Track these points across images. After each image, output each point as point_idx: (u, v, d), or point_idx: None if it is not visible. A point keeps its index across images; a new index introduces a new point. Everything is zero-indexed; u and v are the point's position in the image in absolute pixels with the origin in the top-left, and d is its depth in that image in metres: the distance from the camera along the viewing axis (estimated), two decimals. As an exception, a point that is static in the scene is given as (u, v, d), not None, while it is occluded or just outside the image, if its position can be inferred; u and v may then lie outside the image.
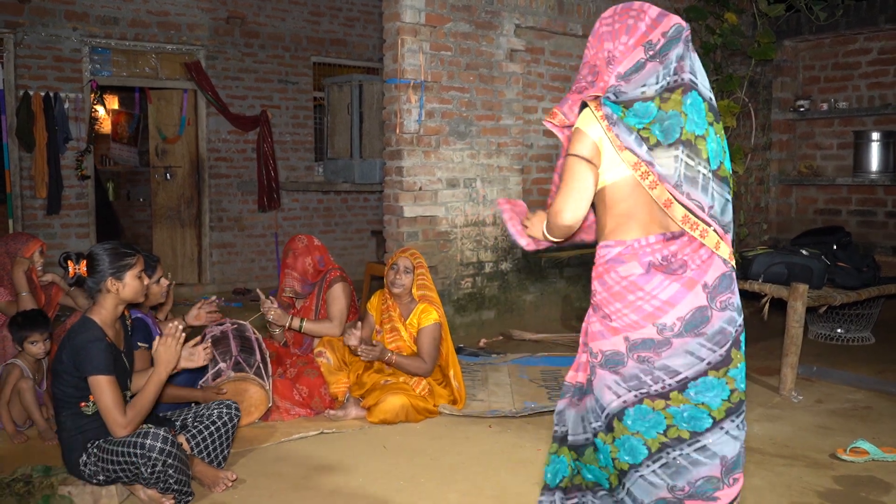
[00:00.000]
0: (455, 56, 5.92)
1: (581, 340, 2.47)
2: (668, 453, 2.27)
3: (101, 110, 10.26)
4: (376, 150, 8.22)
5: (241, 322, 4.49)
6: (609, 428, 2.33)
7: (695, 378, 2.23)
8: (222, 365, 4.06)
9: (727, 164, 2.30)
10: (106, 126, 10.58)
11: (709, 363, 2.23)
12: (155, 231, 8.73)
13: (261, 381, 4.05)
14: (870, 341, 5.90)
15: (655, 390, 2.26)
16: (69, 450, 3.10)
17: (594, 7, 6.66)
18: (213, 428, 3.38)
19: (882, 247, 7.02)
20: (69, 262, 3.07)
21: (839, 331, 5.93)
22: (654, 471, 2.28)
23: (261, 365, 4.15)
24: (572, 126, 2.35)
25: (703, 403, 2.24)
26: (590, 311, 2.43)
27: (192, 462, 3.23)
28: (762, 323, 5.45)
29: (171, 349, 3.10)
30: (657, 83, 2.22)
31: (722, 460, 2.24)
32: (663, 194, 2.22)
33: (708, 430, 2.24)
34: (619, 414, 2.31)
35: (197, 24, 8.23)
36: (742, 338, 2.29)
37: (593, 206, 2.39)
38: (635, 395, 2.28)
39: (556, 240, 2.45)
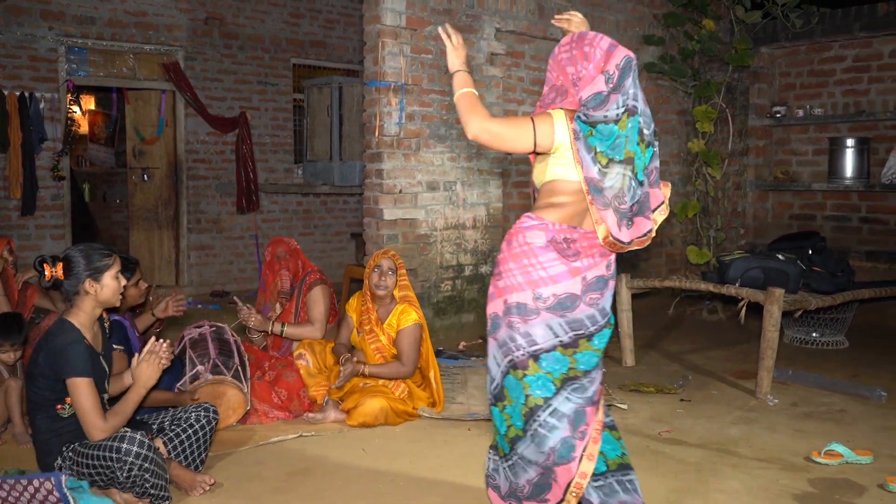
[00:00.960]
0: (436, 59, 5.93)
1: None
2: (532, 423, 2.62)
3: (77, 110, 10.15)
4: (356, 152, 8.21)
5: (220, 325, 4.47)
6: (500, 396, 2.71)
7: (548, 351, 2.61)
8: (200, 368, 4.03)
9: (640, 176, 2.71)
10: (83, 126, 10.47)
11: (560, 341, 2.62)
12: (132, 233, 8.65)
13: (239, 383, 4.03)
14: (844, 345, 5.97)
15: (518, 356, 2.63)
16: (44, 453, 3.07)
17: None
18: (190, 431, 3.35)
19: (856, 252, 7.11)
20: (45, 265, 3.04)
21: (814, 335, 6.00)
22: (526, 444, 2.63)
23: (239, 368, 4.12)
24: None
25: (549, 372, 2.62)
26: None
27: (170, 466, 3.20)
28: (739, 327, 5.50)
29: (152, 366, 3.09)
30: (617, 108, 2.59)
31: (568, 419, 2.61)
32: (595, 214, 2.61)
33: (555, 395, 2.62)
34: (501, 381, 2.69)
35: (175, 25, 8.17)
36: (600, 335, 2.67)
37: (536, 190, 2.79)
38: (507, 364, 2.65)
39: (456, 96, 2.77)
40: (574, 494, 2.62)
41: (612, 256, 2.71)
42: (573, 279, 2.61)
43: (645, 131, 2.64)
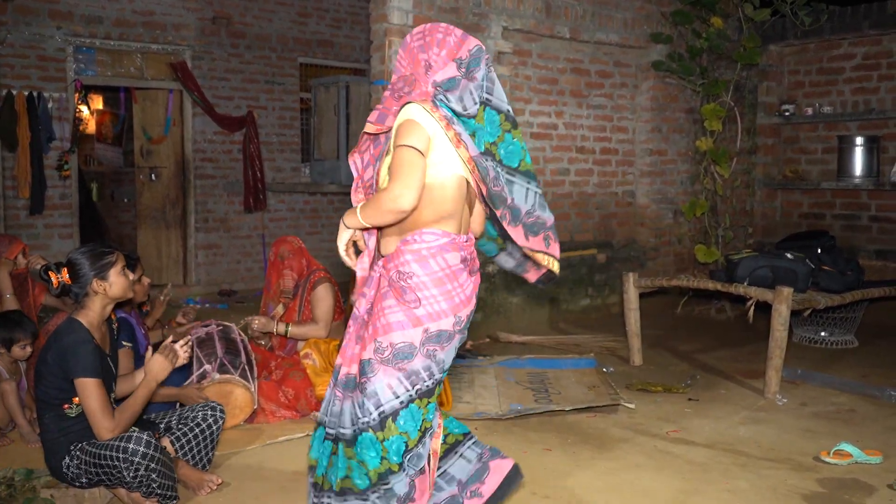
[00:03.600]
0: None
1: (357, 334, 2.61)
2: (418, 448, 2.53)
3: (85, 110, 10.18)
4: (363, 151, 8.18)
5: (227, 324, 4.47)
6: (381, 426, 2.49)
7: (445, 370, 2.63)
8: (207, 367, 4.03)
9: (528, 160, 2.65)
10: (90, 126, 10.51)
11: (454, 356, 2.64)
12: (140, 232, 8.67)
13: (246, 382, 4.03)
14: (853, 345, 5.93)
15: (426, 386, 2.53)
16: (52, 452, 3.08)
17: (581, 10, 6.68)
18: (197, 430, 3.35)
19: (865, 250, 7.08)
20: (50, 272, 3.05)
21: (823, 334, 5.97)
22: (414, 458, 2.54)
23: (246, 367, 4.12)
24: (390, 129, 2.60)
25: (437, 390, 2.60)
26: (384, 300, 2.55)
27: (177, 465, 3.21)
28: (747, 326, 5.48)
29: (164, 364, 3.10)
30: (475, 103, 2.53)
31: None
32: (475, 193, 2.59)
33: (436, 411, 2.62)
34: (394, 415, 2.49)
35: (183, 24, 8.18)
36: None
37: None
38: (410, 396, 2.50)
39: (371, 224, 2.56)
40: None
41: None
42: (475, 294, 2.64)
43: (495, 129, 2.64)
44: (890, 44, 7.13)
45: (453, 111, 2.50)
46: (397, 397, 2.49)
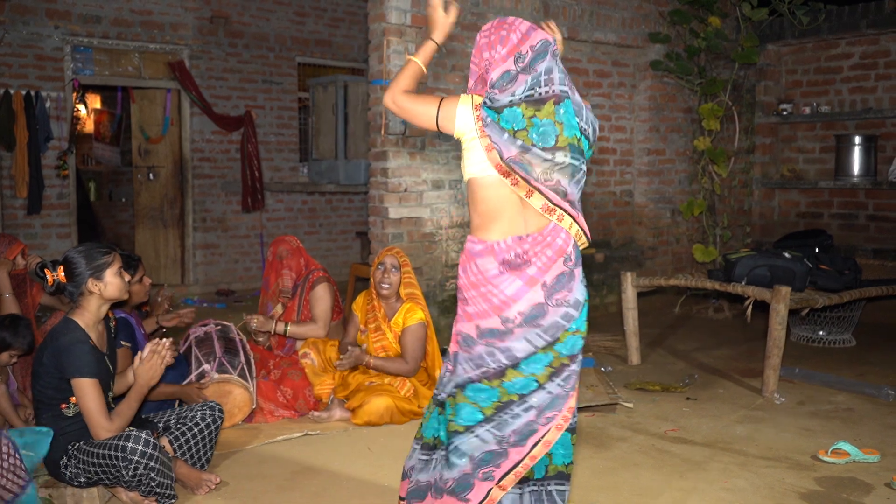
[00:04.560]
0: (440, 57, 5.92)
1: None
2: (499, 416, 2.57)
3: (82, 109, 10.18)
4: (361, 151, 8.20)
5: (225, 323, 4.47)
6: (453, 395, 2.64)
7: (526, 357, 2.55)
8: (206, 366, 4.03)
9: (567, 133, 2.56)
10: (88, 125, 10.50)
11: (537, 346, 2.55)
12: (137, 231, 8.67)
13: (245, 382, 4.03)
14: (851, 344, 5.94)
15: (493, 369, 2.56)
16: (50, 451, 3.07)
17: (579, 9, 6.68)
18: (196, 430, 3.35)
19: (863, 249, 7.09)
20: (46, 270, 3.04)
21: (821, 333, 5.98)
22: (487, 430, 2.58)
23: (245, 366, 4.12)
24: None
25: (531, 373, 2.56)
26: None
27: (175, 464, 3.21)
28: (745, 325, 5.48)
29: (154, 367, 3.10)
30: (523, 91, 2.50)
31: (538, 409, 2.56)
32: (525, 187, 2.50)
33: (533, 392, 2.56)
34: (463, 385, 2.61)
35: (181, 24, 8.18)
36: (574, 324, 2.57)
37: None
38: (477, 374, 2.58)
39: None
40: (501, 487, 2.57)
41: (571, 248, 2.57)
42: (532, 289, 2.51)
43: (581, 123, 2.53)
44: (887, 43, 7.14)
45: (494, 109, 2.49)
46: (466, 372, 2.61)
